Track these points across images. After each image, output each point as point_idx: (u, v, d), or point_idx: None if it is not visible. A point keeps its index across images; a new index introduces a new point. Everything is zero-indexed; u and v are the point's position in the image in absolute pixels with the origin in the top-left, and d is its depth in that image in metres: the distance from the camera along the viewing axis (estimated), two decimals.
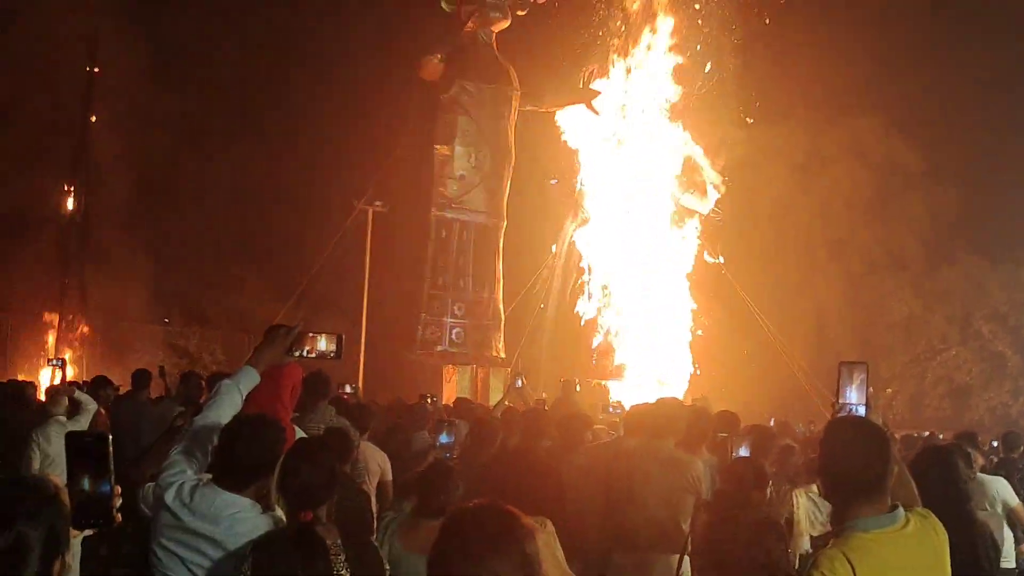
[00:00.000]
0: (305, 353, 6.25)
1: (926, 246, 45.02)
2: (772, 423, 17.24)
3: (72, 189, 40.44)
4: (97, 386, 16.46)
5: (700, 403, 16.40)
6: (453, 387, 29.27)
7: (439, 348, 30.42)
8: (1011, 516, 10.37)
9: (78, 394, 13.59)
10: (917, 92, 43.67)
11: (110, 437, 3.94)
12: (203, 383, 14.00)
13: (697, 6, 32.56)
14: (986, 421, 41.52)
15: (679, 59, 32.48)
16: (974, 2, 44.57)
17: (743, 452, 8.98)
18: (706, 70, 33.03)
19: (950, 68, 43.71)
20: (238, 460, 5.28)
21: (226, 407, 5.80)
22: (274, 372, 6.22)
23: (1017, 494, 10.56)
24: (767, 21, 34.26)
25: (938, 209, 43.96)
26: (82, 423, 12.87)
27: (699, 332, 30.49)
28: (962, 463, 6.24)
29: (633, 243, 30.56)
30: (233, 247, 39.44)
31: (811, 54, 40.59)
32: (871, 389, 5.87)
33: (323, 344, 6.27)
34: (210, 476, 5.40)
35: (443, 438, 8.53)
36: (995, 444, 16.06)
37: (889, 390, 44.60)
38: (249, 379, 5.97)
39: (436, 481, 6.76)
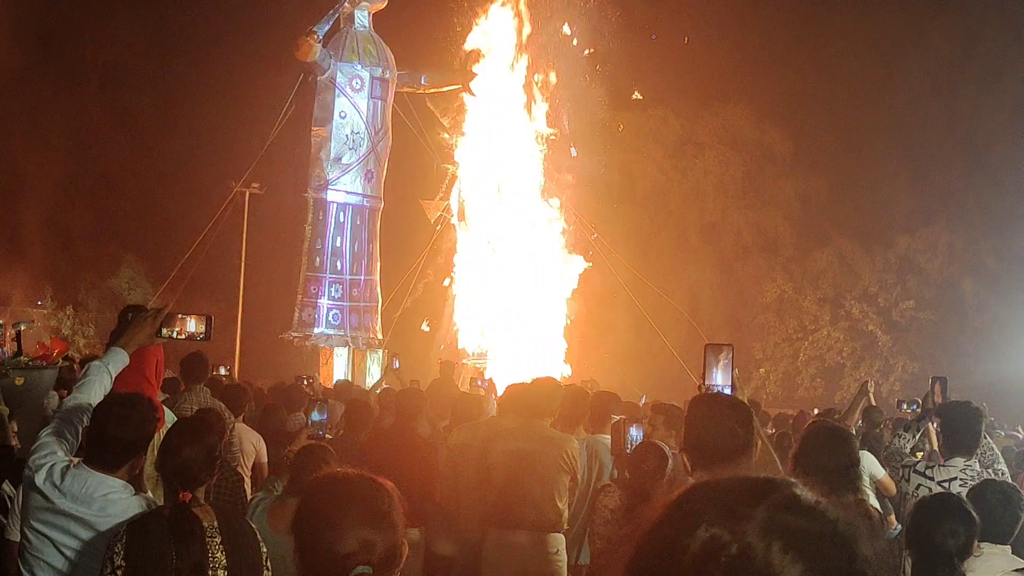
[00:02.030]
0: (175, 334, 6.24)
1: (797, 230, 45.68)
2: (643, 402, 17.43)
3: None
4: None
5: (588, 385, 16.52)
6: (330, 369, 29.25)
7: (316, 330, 30.34)
8: (879, 488, 10.63)
9: None
10: (786, 79, 44.31)
11: None
12: (76, 366, 13.85)
13: None
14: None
15: (554, 38, 32.48)
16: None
17: (635, 432, 9.03)
18: (585, 53, 33.16)
19: (818, 55, 44.36)
20: (109, 440, 5.26)
21: (96, 388, 5.80)
22: (138, 351, 6.21)
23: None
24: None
25: (809, 193, 44.66)
26: None
27: (571, 317, 30.56)
28: (853, 438, 6.37)
29: (505, 223, 30.50)
30: (108, 230, 38.94)
31: (683, 40, 41.04)
32: (736, 370, 5.99)
33: (192, 326, 6.27)
34: (80, 459, 5.38)
35: (315, 415, 8.50)
36: (859, 422, 16.40)
37: (762, 370, 45.23)
38: (119, 360, 5.98)
39: (308, 460, 6.75)
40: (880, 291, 45.71)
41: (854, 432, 8.59)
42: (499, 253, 29.92)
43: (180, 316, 6.27)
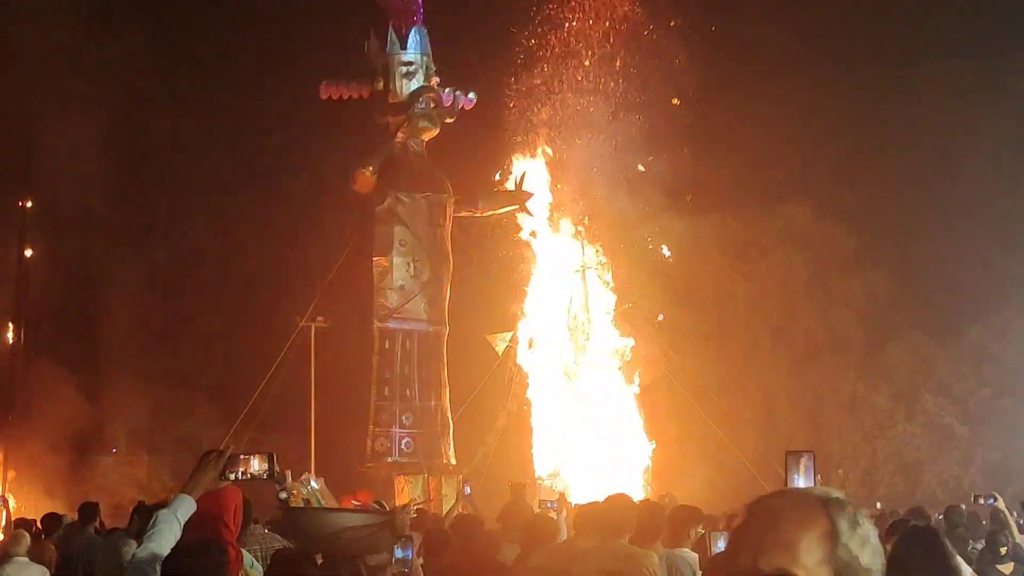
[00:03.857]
0: (239, 475, 6.21)
1: (867, 326, 45.31)
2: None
3: (12, 325, 40.20)
4: (48, 522, 16.27)
5: (666, 500, 16.38)
6: (406, 498, 29.05)
7: (389, 459, 30.33)
8: None
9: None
10: (845, 174, 44.27)
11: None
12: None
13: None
14: (939, 495, 41.54)
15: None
16: (898, 88, 45.31)
17: (721, 543, 8.91)
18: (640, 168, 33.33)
19: (875, 148, 44.35)
20: None
21: (166, 537, 5.76)
22: (213, 496, 6.18)
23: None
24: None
25: (876, 288, 44.32)
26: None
27: (645, 431, 30.46)
28: (948, 542, 6.22)
29: (574, 346, 30.63)
30: (178, 373, 39.22)
31: (739, 143, 41.09)
32: (819, 476, 5.89)
33: (256, 465, 6.24)
34: None
35: (399, 552, 8.40)
36: (939, 517, 16.12)
37: (841, 470, 44.64)
38: (186, 507, 5.94)
39: None
40: (955, 382, 45.17)
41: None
42: (571, 378, 29.99)
43: (243, 457, 6.24)
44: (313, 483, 17.65)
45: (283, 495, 17.38)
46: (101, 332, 39.14)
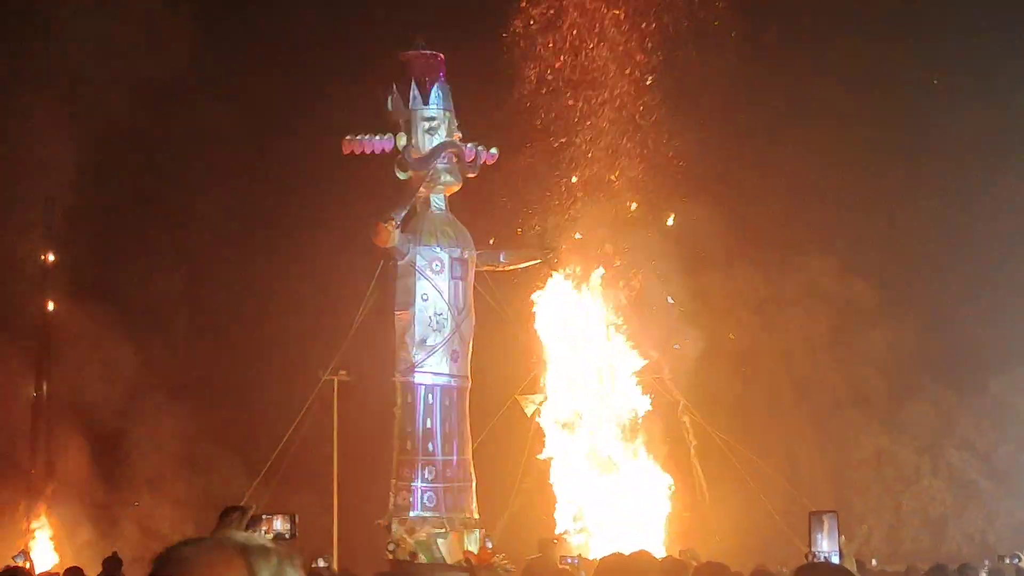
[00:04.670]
0: (262, 534, 6.26)
1: (889, 380, 45.16)
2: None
3: (35, 380, 40.27)
4: None
5: (687, 555, 16.32)
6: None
7: (412, 514, 30.28)
8: None
9: None
10: (867, 229, 44.27)
11: None
12: None
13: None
14: (964, 550, 41.32)
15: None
16: (922, 141, 45.33)
17: None
18: (668, 222, 33.42)
19: (896, 201, 44.32)
20: None
21: None
22: None
23: None
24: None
25: (898, 342, 44.17)
26: None
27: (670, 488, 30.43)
28: None
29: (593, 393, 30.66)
30: (201, 426, 39.26)
31: (761, 196, 41.13)
32: (843, 537, 5.92)
33: (279, 525, 6.33)
34: None
35: None
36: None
37: (865, 526, 44.41)
38: None
39: None
40: (979, 437, 44.96)
41: None
42: (594, 435, 30.00)
43: (266, 516, 6.32)
44: (438, 539, 17.69)
45: (391, 547, 17.45)
46: (123, 386, 39.18)
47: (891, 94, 46.15)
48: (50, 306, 40.49)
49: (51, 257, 40.40)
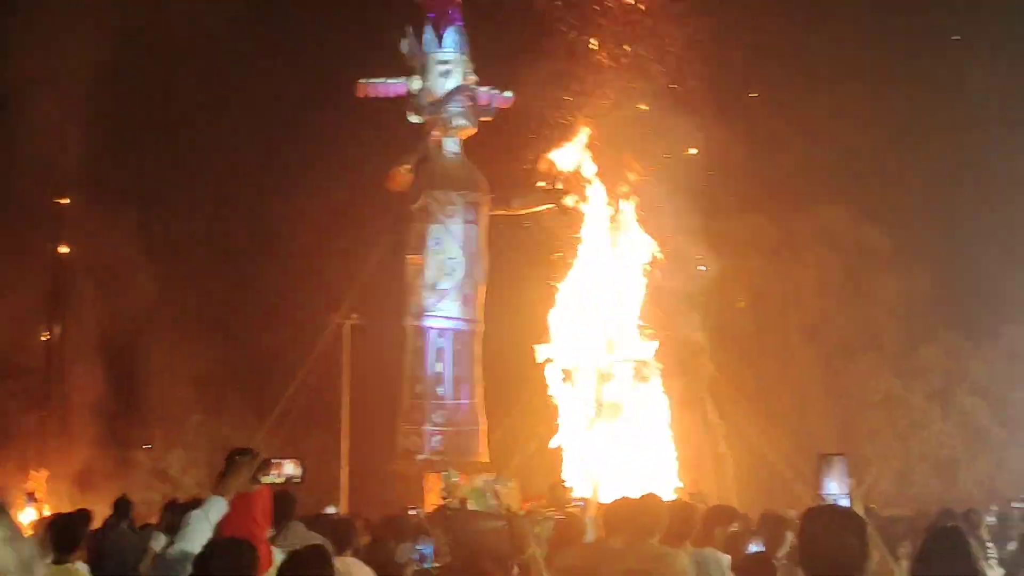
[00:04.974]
0: (273, 478, 6.31)
1: (901, 325, 45.10)
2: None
3: (47, 322, 40.40)
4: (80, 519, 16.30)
5: (696, 498, 16.35)
6: (436, 496, 29.14)
7: (420, 457, 30.38)
8: None
9: None
10: (880, 174, 44.07)
11: None
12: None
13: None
14: (974, 494, 41.37)
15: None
16: (936, 88, 45.07)
17: (754, 547, 8.91)
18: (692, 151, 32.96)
19: (909, 148, 44.08)
20: None
21: (197, 536, 5.88)
22: (245, 496, 6.27)
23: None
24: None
25: (911, 288, 44.05)
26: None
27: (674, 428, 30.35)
28: (974, 543, 6.24)
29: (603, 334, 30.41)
30: (211, 369, 39.31)
31: (777, 144, 40.93)
32: (852, 479, 5.90)
33: (289, 469, 6.35)
34: None
35: (422, 548, 8.44)
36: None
37: (874, 469, 44.46)
38: (217, 508, 6.06)
39: None
40: (991, 383, 44.95)
41: None
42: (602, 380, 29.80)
43: (276, 461, 6.34)
44: (481, 481, 17.65)
45: (444, 493, 17.49)
46: (135, 330, 39.28)
47: (906, 42, 45.89)
48: (63, 248, 40.58)
49: (66, 200, 40.47)
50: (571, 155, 32.13)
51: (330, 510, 17.77)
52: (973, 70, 44.19)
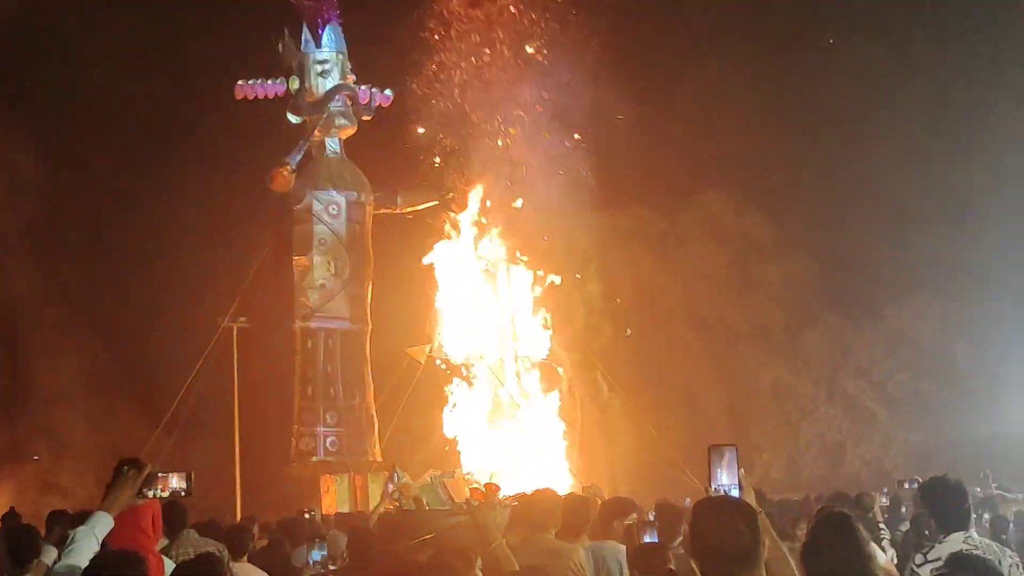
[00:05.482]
0: (158, 492, 6.29)
1: (786, 312, 45.64)
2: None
3: None
4: None
5: (591, 491, 16.44)
6: (333, 497, 29.08)
7: (315, 458, 30.33)
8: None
9: None
10: (759, 163, 44.55)
11: None
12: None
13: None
14: (862, 475, 42.06)
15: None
16: (808, 72, 45.68)
17: (648, 538, 8.99)
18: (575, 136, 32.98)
19: (787, 133, 44.58)
20: None
21: (84, 553, 5.87)
22: (131, 507, 6.26)
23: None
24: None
25: (794, 274, 44.61)
26: None
27: (568, 424, 30.48)
28: (862, 528, 6.33)
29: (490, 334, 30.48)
30: (98, 378, 38.82)
31: (655, 134, 41.12)
32: (742, 470, 5.97)
33: (175, 482, 6.33)
34: None
35: (315, 554, 8.41)
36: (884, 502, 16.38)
37: (765, 455, 45.01)
38: (104, 524, 6.05)
39: None
40: (873, 366, 45.68)
41: None
42: (494, 377, 29.84)
43: (161, 474, 6.32)
44: (398, 475, 17.52)
45: (395, 494, 17.29)
46: (18, 341, 38.70)
47: (784, 29, 46.49)
48: None
49: None
50: (455, 152, 32.14)
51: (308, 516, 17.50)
52: (850, 52, 44.95)
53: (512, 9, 32.37)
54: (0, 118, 37.38)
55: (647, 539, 9.14)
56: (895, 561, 11.54)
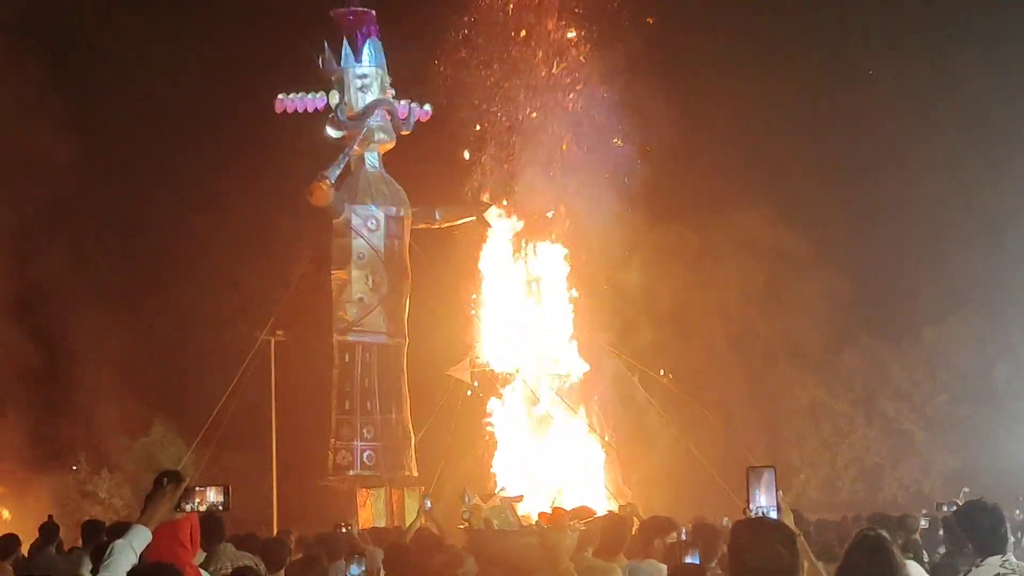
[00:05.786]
0: (195, 507, 6.31)
1: (823, 332, 45.37)
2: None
3: None
4: (5, 543, 16.13)
5: (628, 510, 16.38)
6: (369, 511, 29.13)
7: (351, 472, 30.33)
8: None
9: None
10: (798, 180, 44.35)
11: None
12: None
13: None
14: (900, 499, 41.84)
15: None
16: (851, 90, 45.54)
17: (690, 559, 8.97)
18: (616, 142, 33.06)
19: (826, 152, 44.45)
20: None
21: (121, 566, 5.89)
22: (170, 520, 6.30)
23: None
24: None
25: (832, 294, 44.33)
26: None
27: (608, 440, 30.52)
28: (897, 551, 6.32)
29: (531, 353, 30.64)
30: (136, 390, 39.01)
31: (693, 151, 41.06)
32: (780, 492, 5.95)
33: (212, 496, 6.34)
34: None
35: (354, 569, 8.42)
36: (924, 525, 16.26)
37: (802, 476, 44.80)
38: (141, 538, 6.08)
39: None
40: (913, 389, 45.39)
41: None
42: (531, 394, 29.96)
43: (199, 488, 6.34)
44: (468, 497, 17.55)
45: (465, 515, 17.29)
46: (59, 350, 38.90)
47: (824, 45, 46.38)
48: None
49: None
50: (495, 169, 32.28)
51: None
52: (894, 70, 44.76)
53: (550, 25, 32.61)
54: (45, 124, 37.59)
55: (688, 560, 9.11)
56: None
